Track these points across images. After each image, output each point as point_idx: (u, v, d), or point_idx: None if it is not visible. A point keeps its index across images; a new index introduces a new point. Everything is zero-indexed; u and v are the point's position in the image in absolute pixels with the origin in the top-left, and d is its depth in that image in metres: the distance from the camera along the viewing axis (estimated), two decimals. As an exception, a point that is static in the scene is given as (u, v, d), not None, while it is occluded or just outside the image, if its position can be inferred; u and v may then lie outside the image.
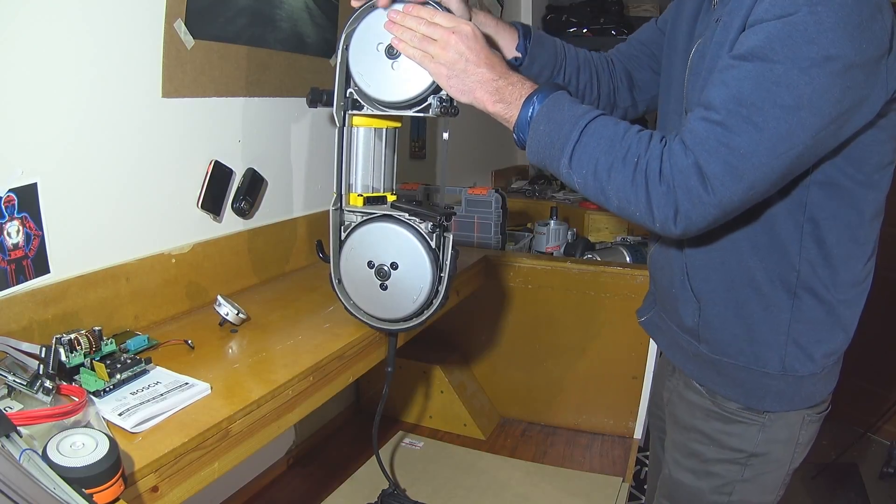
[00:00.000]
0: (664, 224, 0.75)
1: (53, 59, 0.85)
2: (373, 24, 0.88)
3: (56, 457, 0.52)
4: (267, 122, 1.26)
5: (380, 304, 0.95)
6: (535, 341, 1.64)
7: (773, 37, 0.70)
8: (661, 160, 0.75)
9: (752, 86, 0.71)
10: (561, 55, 1.06)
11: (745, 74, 0.71)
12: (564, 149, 0.79)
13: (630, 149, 0.76)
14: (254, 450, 0.80)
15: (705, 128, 0.73)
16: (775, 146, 0.71)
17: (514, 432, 1.65)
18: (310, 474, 1.44)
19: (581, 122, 0.79)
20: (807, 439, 0.92)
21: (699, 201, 0.73)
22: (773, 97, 0.70)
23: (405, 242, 0.91)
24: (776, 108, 0.70)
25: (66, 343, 0.75)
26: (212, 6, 1.08)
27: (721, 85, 0.74)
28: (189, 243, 1.09)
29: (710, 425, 0.93)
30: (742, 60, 0.72)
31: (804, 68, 0.69)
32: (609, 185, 0.77)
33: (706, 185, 0.72)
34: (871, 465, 2.39)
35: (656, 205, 0.75)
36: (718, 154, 0.72)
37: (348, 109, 0.93)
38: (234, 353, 0.93)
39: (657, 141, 0.77)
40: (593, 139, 0.78)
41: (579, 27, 3.13)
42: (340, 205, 0.96)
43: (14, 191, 0.81)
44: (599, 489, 1.39)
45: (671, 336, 0.99)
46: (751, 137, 0.71)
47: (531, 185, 2.80)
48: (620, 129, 0.78)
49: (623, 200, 0.77)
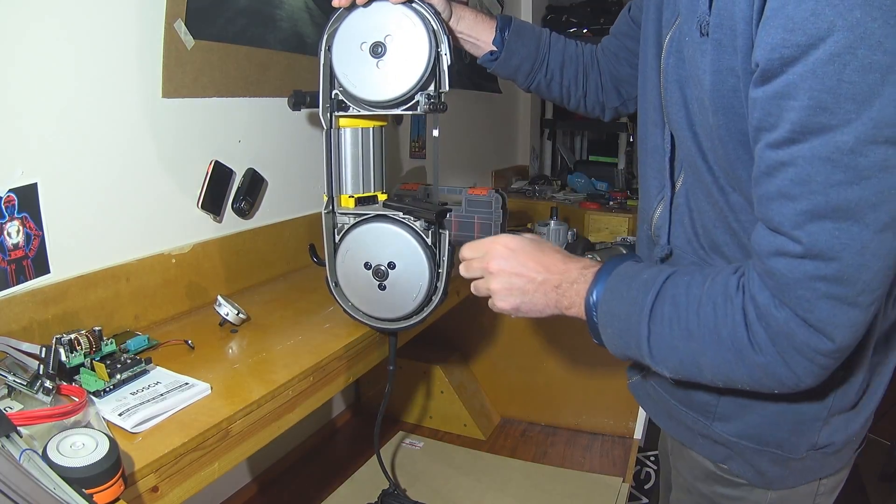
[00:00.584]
0: (783, 389, 0.61)
1: (54, 59, 0.85)
2: (355, 24, 0.86)
3: (56, 457, 0.52)
4: (267, 123, 1.26)
5: (379, 305, 0.95)
6: (535, 341, 1.64)
7: (817, 90, 0.49)
8: (748, 325, 0.59)
9: (824, 181, 0.51)
10: (544, 49, 1.00)
11: (807, 168, 0.52)
12: (641, 347, 0.66)
13: (706, 325, 0.61)
14: (254, 450, 0.80)
15: (788, 266, 0.55)
16: (882, 241, 0.52)
17: (515, 432, 1.65)
18: (310, 474, 1.44)
19: (645, 310, 0.65)
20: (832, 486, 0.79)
21: (818, 354, 0.57)
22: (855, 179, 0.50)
23: (401, 241, 0.90)
24: (866, 192, 0.51)
25: (66, 343, 0.75)
26: (212, 6, 1.08)
27: (782, 199, 0.54)
28: (189, 243, 1.09)
29: (710, 488, 0.82)
30: (792, 145, 0.52)
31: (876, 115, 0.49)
32: (703, 374, 0.64)
33: (818, 335, 0.56)
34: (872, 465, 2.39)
35: (763, 376, 0.60)
36: (818, 293, 0.54)
37: (334, 111, 0.92)
38: (235, 354, 0.93)
39: (734, 295, 0.60)
40: (665, 328, 0.64)
41: (579, 27, 3.13)
42: (332, 207, 0.95)
43: (14, 191, 0.81)
44: (599, 489, 1.39)
45: (669, 409, 0.83)
46: (852, 253, 0.52)
47: (531, 185, 2.80)
48: (692, 297, 0.63)
49: (728, 381, 0.63)
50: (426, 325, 0.99)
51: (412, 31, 0.85)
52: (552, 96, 1.06)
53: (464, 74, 2.24)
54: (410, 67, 0.85)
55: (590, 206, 2.42)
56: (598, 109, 1.08)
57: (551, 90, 1.05)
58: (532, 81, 1.03)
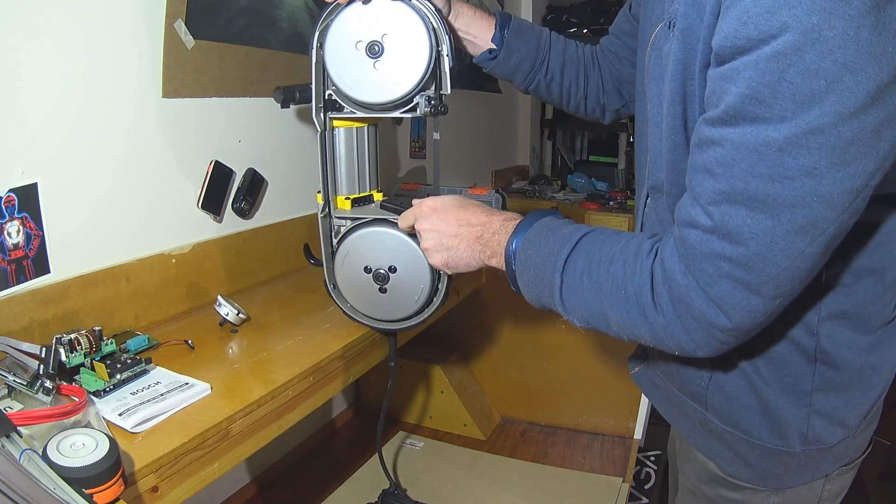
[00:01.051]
0: (683, 352, 0.63)
1: (54, 60, 0.85)
2: (349, 21, 0.81)
3: (56, 457, 0.52)
4: (267, 123, 1.26)
5: (380, 307, 0.94)
6: (536, 341, 1.64)
7: (756, 81, 0.49)
8: (653, 285, 0.61)
9: (746, 168, 0.52)
10: (544, 48, 0.98)
11: (733, 153, 0.52)
12: (553, 295, 0.69)
13: (616, 280, 0.64)
14: (254, 450, 0.80)
15: (698, 239, 0.57)
16: (794, 243, 0.53)
17: (515, 432, 1.65)
18: (310, 474, 1.44)
19: (559, 261, 0.67)
20: (837, 493, 0.78)
21: (714, 328, 0.59)
22: (779, 176, 0.51)
23: (401, 245, 0.89)
24: (786, 191, 0.51)
25: (66, 343, 0.75)
26: (212, 6, 1.08)
27: (705, 174, 0.55)
28: (189, 243, 1.09)
29: (714, 491, 0.81)
30: (724, 126, 0.53)
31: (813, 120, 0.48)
32: (610, 325, 0.66)
33: (715, 310, 0.57)
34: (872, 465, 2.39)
35: (664, 335, 0.62)
36: (721, 271, 0.56)
37: (328, 111, 0.88)
38: (235, 354, 0.93)
39: (644, 256, 0.63)
40: (576, 280, 0.67)
41: (579, 27, 3.13)
42: (329, 211, 0.93)
43: (14, 191, 0.81)
44: (599, 489, 1.39)
45: (669, 396, 0.85)
46: (760, 244, 0.53)
47: (531, 185, 2.80)
48: (604, 253, 0.65)
49: (632, 336, 0.66)
50: (426, 325, 0.99)
51: (411, 30, 0.80)
52: (551, 98, 1.04)
53: (463, 74, 2.24)
54: (410, 68, 0.81)
55: (590, 207, 2.43)
56: (598, 111, 1.06)
57: (551, 91, 1.02)
58: (531, 82, 1.00)
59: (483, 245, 0.76)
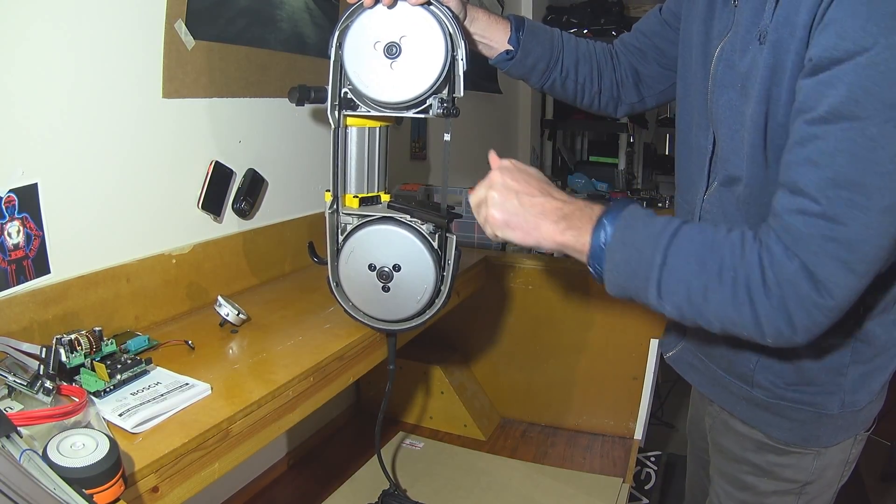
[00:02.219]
0: (778, 339, 0.67)
1: (54, 60, 0.85)
2: (369, 22, 0.84)
3: (56, 457, 0.52)
4: (267, 123, 1.26)
5: (381, 306, 0.95)
6: (536, 342, 1.64)
7: (855, 85, 0.60)
8: (763, 269, 0.65)
9: (848, 159, 0.61)
10: (558, 47, 1.02)
11: (836, 146, 0.61)
12: (650, 277, 0.69)
13: (724, 263, 0.66)
14: (254, 450, 0.80)
15: (805, 223, 0.63)
16: (885, 224, 0.62)
17: (515, 433, 1.65)
18: (310, 474, 1.44)
19: (662, 240, 0.68)
20: (856, 456, 0.89)
21: (816, 308, 0.64)
22: (875, 165, 0.60)
23: (407, 244, 0.89)
24: (880, 178, 0.60)
25: (66, 343, 0.75)
26: (212, 7, 1.08)
27: (809, 165, 0.63)
28: (189, 244, 1.09)
29: (763, 458, 0.88)
30: (825, 124, 0.62)
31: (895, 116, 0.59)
32: (708, 310, 0.68)
33: (820, 289, 0.63)
34: (872, 466, 2.39)
35: (766, 321, 0.66)
36: (827, 252, 0.62)
37: (343, 109, 0.90)
38: (235, 354, 0.93)
39: (751, 242, 0.67)
40: (680, 260, 0.68)
41: (580, 28, 3.13)
42: (337, 207, 0.94)
43: (14, 191, 0.81)
44: (600, 490, 1.38)
45: (712, 376, 0.92)
46: (860, 224, 0.61)
47: (531, 185, 2.79)
48: (708, 238, 0.68)
49: (727, 322, 0.68)
50: (426, 326, 1.00)
51: (429, 34, 0.83)
52: (566, 94, 1.07)
53: (464, 75, 2.24)
54: (425, 70, 0.83)
55: (590, 207, 2.42)
56: (611, 106, 1.09)
57: (566, 88, 1.06)
58: (547, 80, 1.04)
59: (561, 216, 0.73)
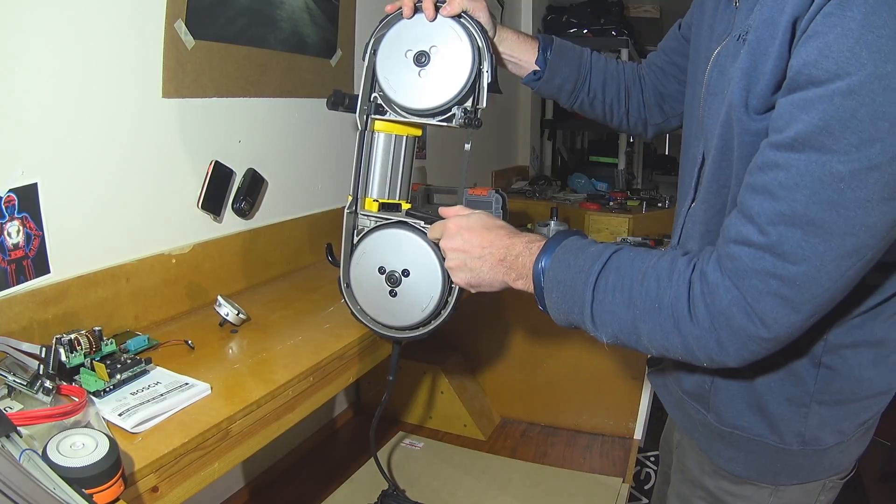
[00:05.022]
0: (711, 364, 0.65)
1: (54, 60, 0.85)
2: (403, 31, 0.88)
3: (56, 457, 0.52)
4: (267, 123, 1.26)
5: (387, 311, 0.94)
6: (536, 342, 1.64)
7: (829, 114, 0.53)
8: (690, 298, 0.63)
9: (808, 196, 0.55)
10: (585, 67, 1.02)
11: (797, 179, 0.55)
12: (584, 312, 0.69)
13: (649, 293, 0.65)
14: (254, 450, 0.80)
15: (750, 256, 0.59)
16: (842, 268, 0.56)
17: (515, 433, 1.65)
18: (310, 474, 1.44)
19: (591, 277, 0.68)
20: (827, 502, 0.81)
21: (750, 339, 0.61)
22: (839, 208, 0.54)
23: (419, 251, 0.90)
24: (845, 222, 0.54)
25: (66, 343, 0.75)
26: (212, 7, 1.08)
27: (765, 195, 0.58)
28: (189, 244, 1.09)
29: (717, 484, 0.83)
30: (790, 151, 0.56)
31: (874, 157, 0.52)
32: (640, 340, 0.67)
33: (756, 323, 0.60)
34: (872, 466, 2.39)
35: (697, 346, 0.63)
36: (769, 288, 0.58)
37: (371, 113, 0.93)
38: (235, 354, 0.93)
39: (681, 270, 0.64)
40: (608, 294, 0.68)
41: (579, 28, 3.13)
42: (356, 208, 0.95)
43: (14, 191, 0.81)
44: (600, 490, 1.39)
45: (676, 398, 0.88)
46: (811, 265, 0.56)
47: (531, 185, 2.80)
48: (636, 268, 0.67)
49: (661, 349, 0.67)
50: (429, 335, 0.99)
51: (457, 45, 0.86)
52: (595, 114, 1.08)
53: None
54: (451, 80, 0.86)
55: (590, 207, 2.42)
56: (640, 127, 1.09)
57: (594, 108, 1.06)
58: (576, 100, 1.04)
59: (507, 267, 0.78)
